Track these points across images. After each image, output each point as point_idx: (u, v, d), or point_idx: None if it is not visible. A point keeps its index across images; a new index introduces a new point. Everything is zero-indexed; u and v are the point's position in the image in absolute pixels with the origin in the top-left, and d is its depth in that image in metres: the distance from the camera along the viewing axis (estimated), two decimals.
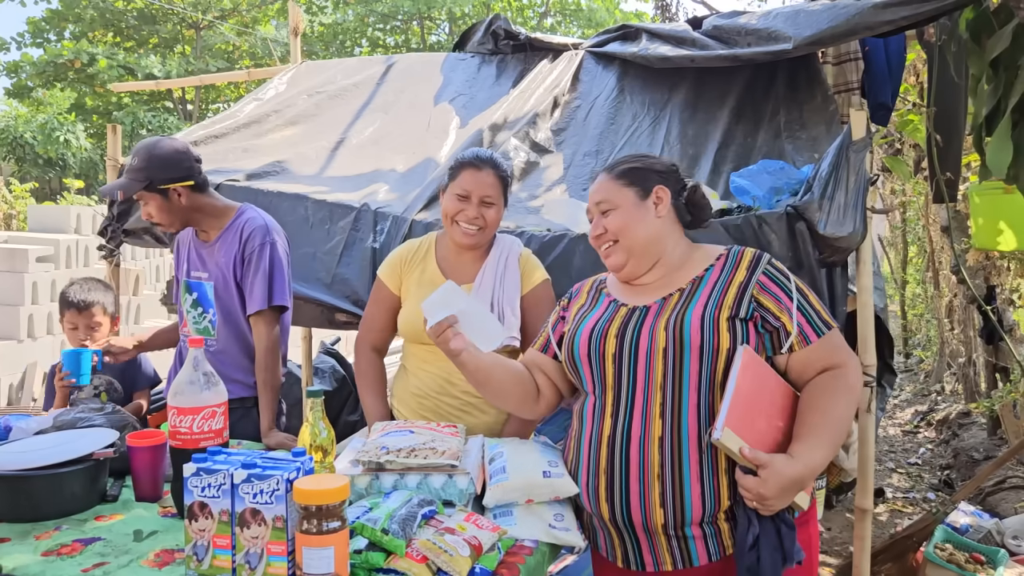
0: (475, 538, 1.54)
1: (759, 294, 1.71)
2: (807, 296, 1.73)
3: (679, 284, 1.79)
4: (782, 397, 1.69)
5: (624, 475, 1.68)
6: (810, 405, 1.66)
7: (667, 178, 1.86)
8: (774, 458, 1.56)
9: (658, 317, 1.73)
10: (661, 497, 1.65)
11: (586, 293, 1.97)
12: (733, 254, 1.80)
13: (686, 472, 1.64)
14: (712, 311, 1.69)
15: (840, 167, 2.36)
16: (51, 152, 17.39)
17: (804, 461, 1.57)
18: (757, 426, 1.60)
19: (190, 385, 1.78)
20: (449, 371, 2.31)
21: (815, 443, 1.60)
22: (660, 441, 1.65)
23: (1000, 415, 5.25)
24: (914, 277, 9.58)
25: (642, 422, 1.68)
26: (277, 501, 1.44)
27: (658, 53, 3.46)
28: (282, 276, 2.56)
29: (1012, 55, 2.52)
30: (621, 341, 1.74)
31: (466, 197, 2.28)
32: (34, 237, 6.65)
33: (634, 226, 1.80)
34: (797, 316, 1.69)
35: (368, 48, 25.46)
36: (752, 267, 1.75)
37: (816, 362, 1.70)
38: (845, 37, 2.88)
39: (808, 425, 1.63)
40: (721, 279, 1.75)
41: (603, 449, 1.71)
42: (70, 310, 2.90)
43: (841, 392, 1.66)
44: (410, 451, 1.74)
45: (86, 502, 1.85)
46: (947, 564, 3.31)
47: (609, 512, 1.71)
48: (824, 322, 1.71)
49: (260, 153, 3.54)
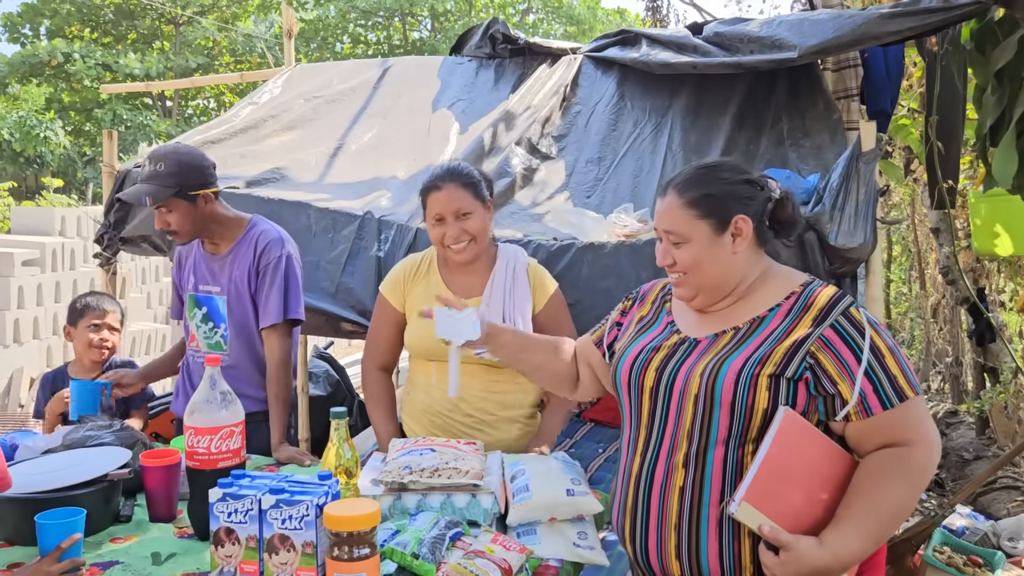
0: (505, 560, 1.53)
1: (818, 351, 1.48)
2: (883, 358, 1.47)
3: (739, 320, 1.60)
4: (831, 466, 1.49)
5: (644, 519, 1.58)
6: (860, 486, 1.45)
7: (749, 204, 1.61)
8: (799, 541, 1.39)
9: (700, 358, 1.57)
10: (676, 549, 1.53)
11: (651, 302, 1.80)
12: (807, 294, 1.57)
13: (704, 527, 1.51)
14: (753, 366, 1.50)
15: (850, 178, 2.37)
16: (29, 149, 17.11)
17: (834, 551, 1.39)
18: (791, 500, 1.44)
19: (207, 404, 1.75)
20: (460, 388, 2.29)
21: (853, 533, 1.41)
22: (681, 491, 1.54)
23: (990, 415, 5.32)
24: (898, 276, 9.68)
25: (665, 469, 1.56)
26: (307, 527, 1.43)
27: (659, 59, 3.45)
28: (297, 289, 2.55)
29: (1016, 66, 2.55)
30: (660, 376, 1.60)
31: (441, 219, 2.25)
32: (18, 240, 6.54)
33: (708, 265, 1.59)
34: (862, 382, 1.46)
35: (350, 44, 25.31)
36: (820, 317, 1.51)
37: (877, 436, 1.48)
38: (851, 47, 2.89)
39: (851, 509, 1.43)
40: (781, 327, 1.54)
41: (631, 488, 1.62)
42: (90, 311, 2.89)
43: (899, 475, 1.43)
44: (433, 471, 1.73)
45: (100, 524, 1.82)
46: (946, 567, 3.34)
47: (632, 552, 1.63)
48: (898, 391, 1.46)
49: (258, 159, 3.50)
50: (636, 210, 2.86)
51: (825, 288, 1.59)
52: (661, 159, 3.21)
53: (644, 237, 2.69)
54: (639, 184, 3.15)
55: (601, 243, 2.70)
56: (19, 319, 6.02)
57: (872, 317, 1.54)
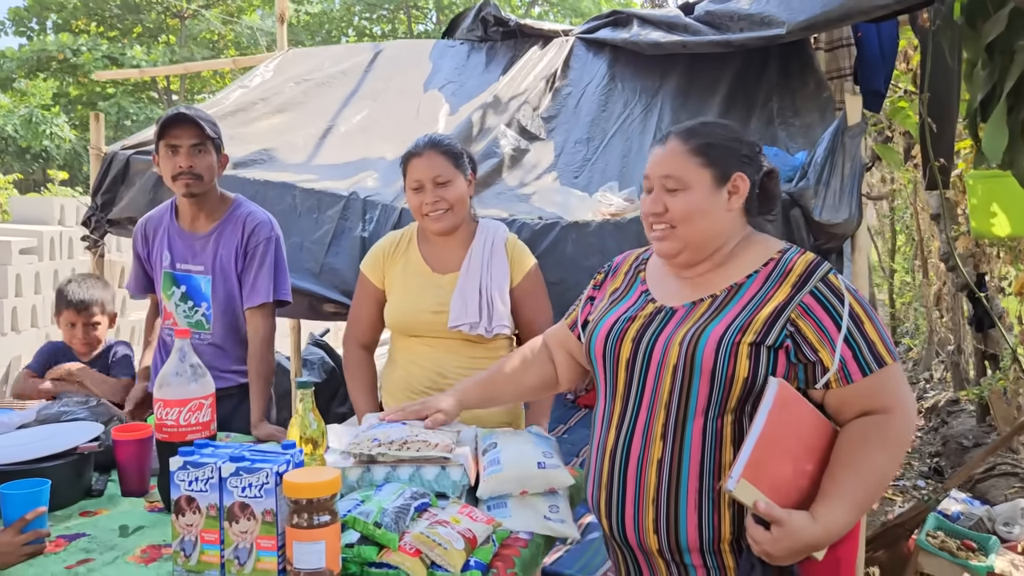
0: (469, 530, 1.51)
1: (799, 318, 1.47)
2: (862, 324, 1.47)
3: (716, 287, 1.58)
4: (817, 436, 1.48)
5: (621, 494, 1.56)
6: (842, 456, 1.44)
7: (748, 165, 1.60)
8: (792, 517, 1.37)
9: (678, 327, 1.54)
10: (655, 523, 1.52)
11: (624, 274, 1.77)
12: (784, 261, 1.55)
13: (683, 500, 1.50)
14: (734, 335, 1.48)
15: (835, 153, 2.34)
16: (35, 145, 17.18)
17: (825, 525, 1.38)
18: (781, 471, 1.42)
19: (176, 377, 1.74)
20: (439, 364, 2.29)
21: (841, 505, 1.40)
22: (659, 464, 1.51)
23: (990, 402, 5.27)
24: (902, 266, 9.62)
25: (642, 441, 1.54)
26: (267, 495, 1.41)
27: (649, 39, 3.43)
28: (285, 271, 2.56)
29: (1008, 39, 2.49)
30: (637, 346, 1.57)
31: (420, 187, 2.25)
32: (17, 229, 6.55)
33: (701, 217, 1.56)
34: (842, 349, 1.45)
35: (355, 37, 25.25)
36: (799, 284, 1.50)
37: (856, 403, 1.47)
38: (839, 22, 2.85)
39: (836, 482, 1.42)
40: (760, 294, 1.53)
41: (606, 462, 1.59)
42: (69, 309, 2.83)
43: (880, 443, 1.44)
44: (402, 443, 1.71)
45: (70, 497, 1.81)
46: (939, 551, 3.31)
47: (608, 527, 1.61)
48: (877, 358, 1.46)
49: (246, 141, 3.49)
50: (622, 189, 2.83)
51: (803, 255, 1.57)
52: (650, 139, 3.18)
53: (629, 215, 2.67)
54: (627, 164, 3.12)
55: (586, 221, 2.68)
56: (17, 307, 6.03)
57: (849, 283, 1.54)
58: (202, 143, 2.43)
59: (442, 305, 2.26)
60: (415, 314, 2.29)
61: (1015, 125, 2.48)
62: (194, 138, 2.42)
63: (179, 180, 2.43)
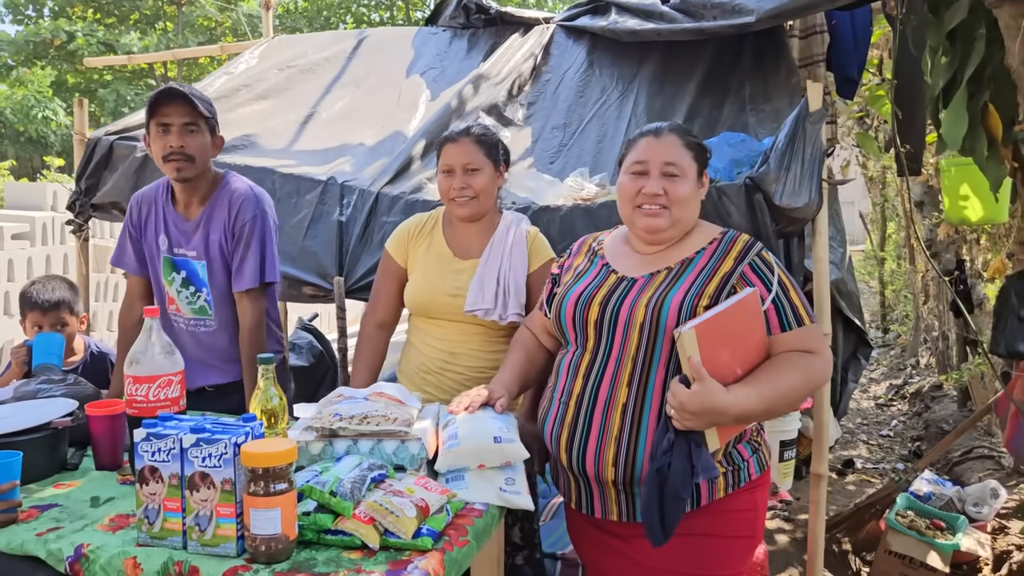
0: (423, 500, 1.57)
1: (739, 285, 1.77)
2: (787, 291, 1.78)
3: (670, 262, 1.85)
4: (755, 351, 1.73)
5: (585, 433, 1.79)
6: (768, 366, 1.73)
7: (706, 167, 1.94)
8: (710, 381, 1.59)
9: (641, 293, 1.80)
10: (615, 458, 1.76)
11: (584, 253, 2.02)
12: (726, 240, 1.85)
13: (642, 439, 1.74)
14: (693, 298, 1.75)
15: (796, 138, 2.39)
16: (31, 130, 17.19)
17: (736, 399, 1.61)
18: (719, 355, 1.63)
19: (145, 354, 1.80)
20: (452, 345, 2.35)
21: (754, 393, 1.65)
22: (623, 408, 1.76)
23: (969, 386, 5.33)
24: (892, 254, 9.65)
25: (610, 387, 1.78)
26: (225, 464, 1.47)
27: (626, 27, 3.47)
28: (272, 250, 2.47)
29: (969, 26, 2.54)
30: (604, 309, 1.82)
31: (451, 171, 2.30)
32: (9, 214, 6.60)
33: (689, 202, 1.85)
34: (768, 308, 1.75)
35: (353, 24, 25.19)
36: (740, 257, 1.80)
37: (782, 348, 1.75)
38: (807, 10, 2.89)
39: (757, 378, 1.69)
40: (708, 266, 1.81)
41: (571, 405, 1.83)
42: (34, 311, 2.74)
43: (800, 369, 1.72)
44: (363, 418, 1.77)
45: (45, 471, 1.87)
46: (907, 530, 3.39)
47: (567, 461, 1.84)
48: (798, 318, 1.76)
49: (229, 127, 3.51)
50: (594, 175, 2.88)
51: (740, 235, 1.88)
52: (625, 125, 3.23)
53: (600, 200, 2.72)
54: (602, 150, 3.17)
55: (557, 206, 2.73)
56: (9, 292, 6.09)
57: (776, 259, 1.86)
58: (194, 122, 2.33)
59: (460, 289, 2.31)
60: (433, 296, 2.34)
61: (975, 112, 2.54)
62: (186, 116, 2.32)
63: (170, 162, 2.33)
